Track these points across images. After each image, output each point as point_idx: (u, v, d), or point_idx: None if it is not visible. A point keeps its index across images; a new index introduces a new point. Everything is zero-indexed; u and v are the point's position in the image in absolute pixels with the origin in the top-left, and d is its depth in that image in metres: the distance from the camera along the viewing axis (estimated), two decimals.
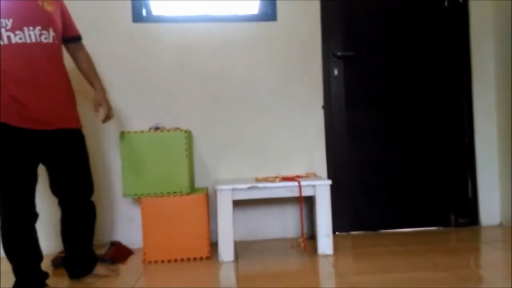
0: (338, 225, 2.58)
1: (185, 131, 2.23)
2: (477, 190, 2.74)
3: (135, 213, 2.45)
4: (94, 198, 1.94)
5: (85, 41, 2.02)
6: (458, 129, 2.74)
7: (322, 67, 2.63)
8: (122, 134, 2.20)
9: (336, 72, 2.65)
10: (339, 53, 2.63)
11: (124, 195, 2.20)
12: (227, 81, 2.58)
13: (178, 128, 2.28)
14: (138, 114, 2.52)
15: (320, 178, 2.40)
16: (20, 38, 1.63)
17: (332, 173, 2.62)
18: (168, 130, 2.24)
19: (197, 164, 2.56)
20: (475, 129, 2.74)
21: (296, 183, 2.19)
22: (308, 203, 2.53)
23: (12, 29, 1.61)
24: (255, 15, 2.62)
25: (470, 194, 2.75)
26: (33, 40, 1.65)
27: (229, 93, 2.58)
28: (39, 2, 1.71)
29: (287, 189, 2.21)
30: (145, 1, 2.55)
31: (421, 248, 2.25)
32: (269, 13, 2.60)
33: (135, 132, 2.22)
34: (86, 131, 1.96)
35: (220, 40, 2.57)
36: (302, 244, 2.31)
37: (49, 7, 1.74)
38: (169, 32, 2.55)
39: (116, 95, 2.49)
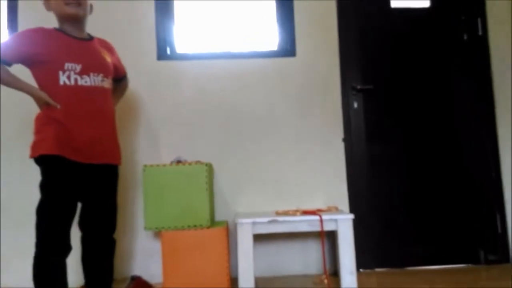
0: (362, 261, 2.50)
1: (206, 164, 2.25)
2: (506, 226, 2.63)
3: (155, 246, 2.44)
4: (116, 231, 1.96)
5: None
6: (483, 163, 2.68)
7: (342, 100, 2.65)
8: (145, 168, 2.24)
9: (356, 105, 2.66)
10: (358, 86, 2.65)
11: (146, 228, 2.21)
12: (247, 115, 2.62)
13: (199, 161, 2.31)
14: (160, 148, 2.56)
15: (342, 212, 2.35)
16: (86, 82, 1.80)
17: (354, 207, 2.57)
18: (190, 163, 2.27)
19: (218, 197, 2.56)
20: (501, 162, 2.67)
21: (317, 217, 2.16)
22: (330, 238, 2.48)
23: (80, 73, 1.79)
24: (274, 51, 2.69)
25: (499, 230, 2.64)
26: (96, 84, 1.84)
27: (249, 127, 2.62)
28: (102, 53, 1.93)
29: (308, 223, 2.17)
30: (170, 40, 2.66)
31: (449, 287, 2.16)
32: (288, 49, 2.66)
33: (157, 165, 2.25)
34: None
35: (241, 75, 2.64)
36: (325, 281, 2.24)
37: (108, 59, 1.95)
38: (192, 68, 2.63)
39: (140, 129, 2.56)
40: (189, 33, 2.73)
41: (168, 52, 2.65)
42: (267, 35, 2.73)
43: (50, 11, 1.89)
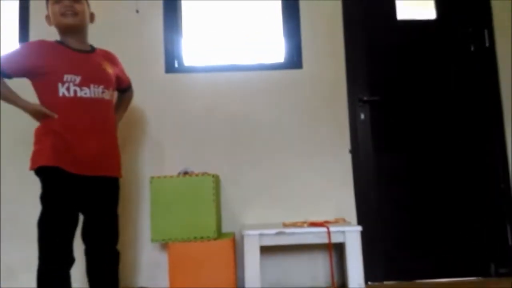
0: (371, 274, 2.47)
1: (213, 176, 2.26)
2: None
3: (162, 258, 2.44)
4: (121, 243, 1.96)
5: None
6: (492, 174, 2.65)
7: (348, 112, 2.65)
8: (152, 179, 2.25)
9: (362, 116, 2.66)
10: (365, 98, 2.65)
11: (153, 240, 2.21)
12: (254, 127, 2.63)
13: (206, 173, 2.32)
14: (168, 159, 2.58)
15: (349, 223, 2.34)
16: (85, 93, 1.80)
17: (361, 218, 2.55)
18: (197, 175, 2.28)
19: (224, 208, 2.56)
20: (510, 174, 2.64)
21: (325, 229, 2.14)
22: (338, 250, 2.46)
23: (80, 85, 1.78)
24: (281, 63, 2.71)
25: (510, 242, 2.60)
26: (97, 96, 1.83)
27: (256, 138, 2.62)
28: (103, 65, 1.92)
29: (315, 235, 2.16)
30: (178, 53, 2.69)
31: None
32: (295, 61, 2.68)
33: (165, 177, 2.26)
34: None
35: (248, 87, 2.66)
36: None
37: (110, 70, 1.95)
38: (199, 81, 2.66)
39: (147, 141, 2.58)
40: (197, 46, 2.76)
41: (176, 65, 2.69)
42: (274, 48, 2.75)
43: (52, 26, 1.89)
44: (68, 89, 1.76)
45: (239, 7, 2.79)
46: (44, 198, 1.74)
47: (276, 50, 2.75)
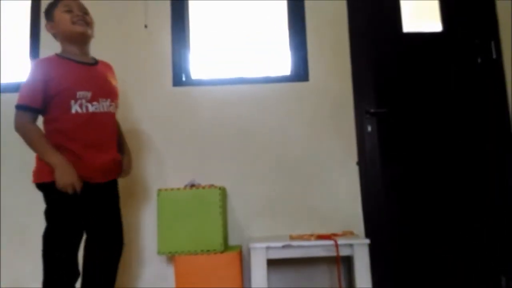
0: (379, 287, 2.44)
1: (220, 188, 2.26)
2: None
3: (168, 271, 2.43)
4: (127, 256, 1.96)
5: (128, 103, 2.16)
6: (501, 187, 2.62)
7: (355, 124, 2.65)
8: (159, 192, 2.26)
9: (369, 128, 2.65)
10: (372, 110, 2.65)
11: (159, 252, 2.21)
12: (260, 139, 2.63)
13: (213, 185, 2.32)
14: (175, 172, 2.58)
15: (357, 236, 2.32)
16: (96, 108, 1.83)
17: (370, 231, 2.53)
18: (203, 187, 2.28)
19: (231, 221, 2.55)
20: None
21: (332, 242, 2.12)
22: (346, 263, 2.43)
23: (91, 100, 1.81)
24: (287, 76, 2.73)
25: None
26: (105, 110, 1.86)
27: (263, 151, 2.62)
28: (108, 77, 1.95)
29: (323, 248, 2.14)
30: (185, 67, 2.73)
31: None
32: (301, 74, 2.69)
33: (172, 189, 2.27)
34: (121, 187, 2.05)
35: (254, 100, 2.67)
36: None
37: (114, 82, 1.99)
38: (206, 94, 2.68)
39: (154, 153, 2.59)
40: (204, 60, 2.79)
41: (184, 78, 2.72)
42: (280, 61, 2.77)
43: (51, 32, 1.89)
44: (80, 105, 1.78)
45: (246, 20, 2.82)
46: (49, 214, 1.75)
47: (282, 63, 2.77)
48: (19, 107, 1.74)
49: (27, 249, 2.45)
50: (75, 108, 1.77)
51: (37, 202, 2.46)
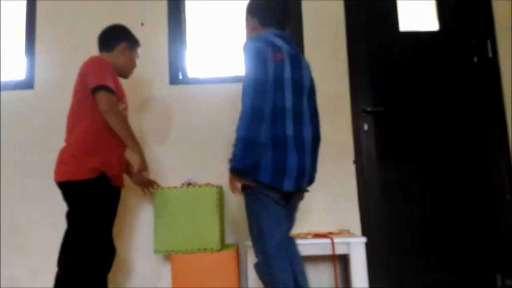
0: (375, 286, 2.44)
1: (217, 187, 2.25)
2: None
3: (165, 270, 2.43)
4: (124, 255, 1.96)
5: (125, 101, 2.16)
6: (497, 185, 2.63)
7: (352, 123, 2.65)
8: (155, 191, 2.25)
9: (366, 127, 2.65)
10: (368, 109, 2.65)
11: (156, 251, 2.21)
12: None
13: (209, 184, 2.32)
14: (171, 170, 2.58)
15: (354, 235, 2.32)
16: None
17: (366, 230, 2.53)
18: (200, 186, 2.28)
19: (228, 220, 2.55)
20: None
21: (328, 240, 2.13)
22: (342, 261, 2.44)
23: (124, 110, 2.02)
24: None
25: None
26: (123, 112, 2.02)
27: None
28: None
29: (319, 246, 2.15)
30: (181, 65, 2.72)
31: None
32: None
33: (168, 188, 2.26)
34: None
35: None
36: None
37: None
38: (203, 92, 2.67)
39: (151, 152, 2.58)
40: (201, 58, 2.79)
41: (180, 76, 2.71)
42: None
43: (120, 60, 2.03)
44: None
45: (243, 18, 2.81)
46: (84, 209, 1.78)
47: None
48: (106, 88, 1.76)
49: (24, 249, 2.44)
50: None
51: (35, 203, 2.46)
